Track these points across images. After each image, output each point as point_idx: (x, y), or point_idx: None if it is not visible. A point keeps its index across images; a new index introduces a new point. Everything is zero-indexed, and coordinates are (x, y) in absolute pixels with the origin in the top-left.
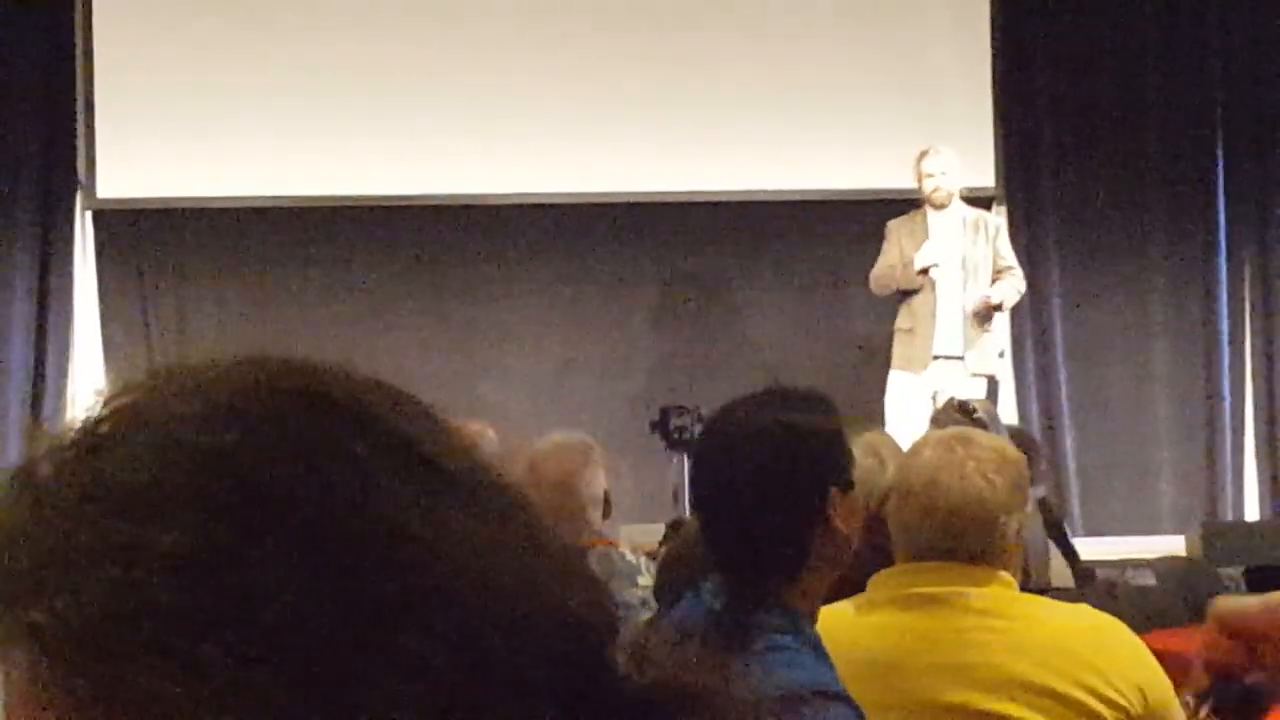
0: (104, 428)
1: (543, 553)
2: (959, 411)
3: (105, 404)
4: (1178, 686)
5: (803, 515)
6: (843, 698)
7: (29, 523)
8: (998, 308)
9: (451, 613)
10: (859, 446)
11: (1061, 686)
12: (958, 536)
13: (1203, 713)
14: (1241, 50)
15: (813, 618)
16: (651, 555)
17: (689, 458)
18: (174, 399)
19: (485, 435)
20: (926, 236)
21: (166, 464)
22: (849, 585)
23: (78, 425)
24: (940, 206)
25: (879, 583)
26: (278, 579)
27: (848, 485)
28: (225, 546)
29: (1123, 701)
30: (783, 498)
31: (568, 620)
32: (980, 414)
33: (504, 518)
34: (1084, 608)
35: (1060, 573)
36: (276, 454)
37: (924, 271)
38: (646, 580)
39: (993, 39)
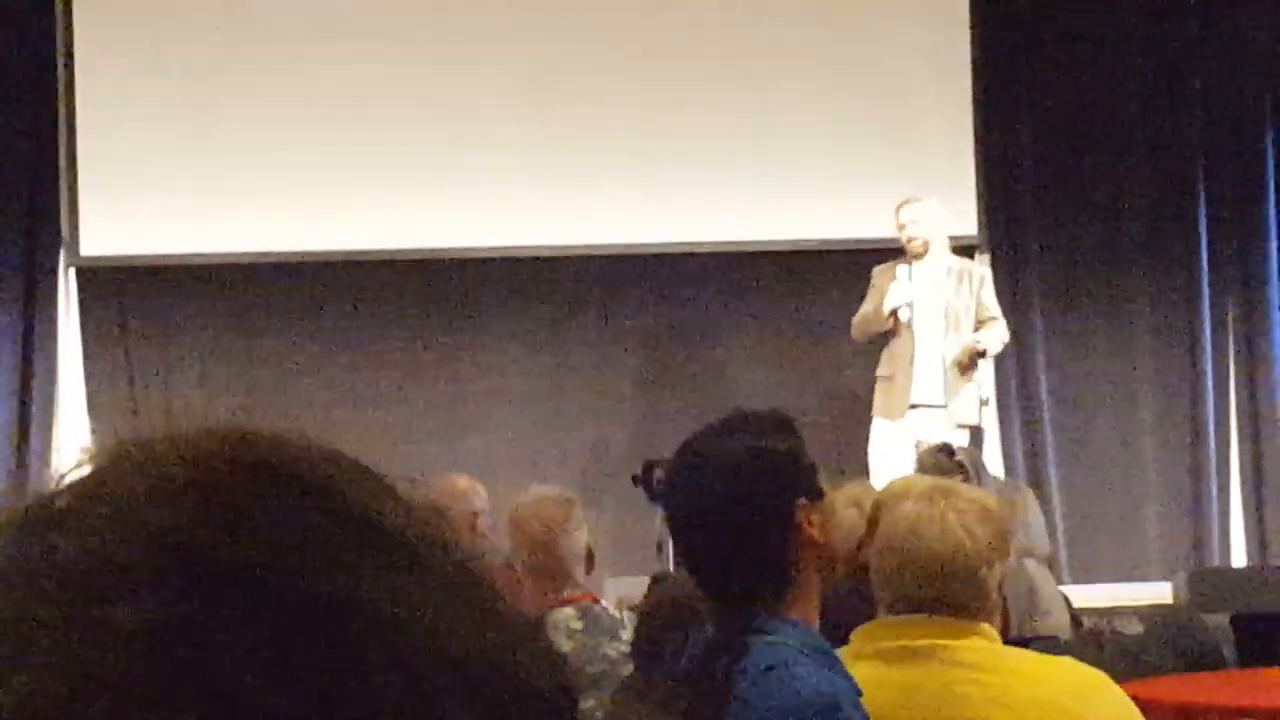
0: (60, 503)
1: (502, 626)
2: (940, 453)
3: (61, 479)
4: None
5: (774, 531)
6: (841, 705)
7: None
8: (983, 354)
9: (412, 686)
10: (841, 498)
11: None
12: (939, 589)
13: None
14: (1222, 97)
15: (811, 624)
16: (635, 609)
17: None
18: (131, 473)
19: (474, 490)
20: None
21: (123, 540)
22: (835, 635)
23: (34, 500)
24: (917, 256)
25: (862, 635)
26: (237, 655)
27: (816, 494)
28: (183, 623)
29: None
30: (752, 518)
31: (528, 693)
32: (961, 456)
33: (463, 591)
34: (1068, 660)
35: (1049, 622)
36: (233, 528)
37: (893, 314)
38: (629, 635)
39: (974, 88)
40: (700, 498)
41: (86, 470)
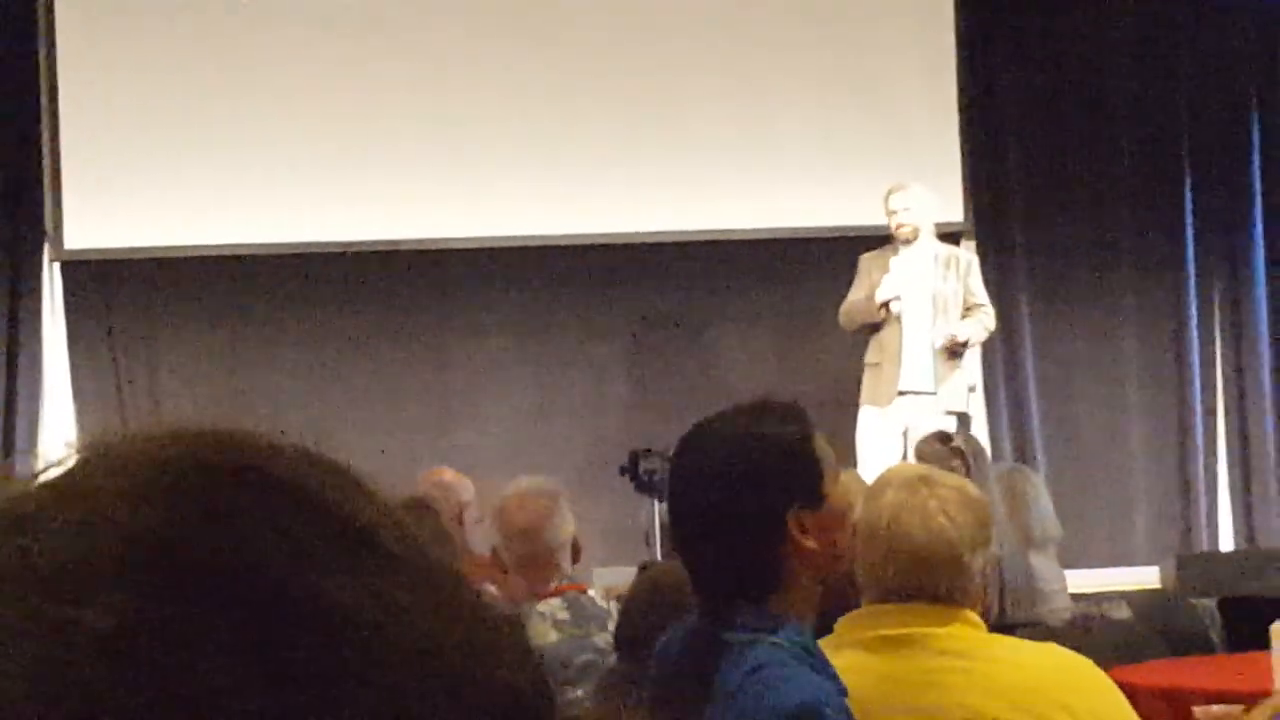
0: (31, 505)
1: (478, 625)
2: (939, 441)
3: (33, 480)
4: None
5: (766, 536)
6: (825, 712)
7: None
8: (964, 344)
9: (387, 688)
10: None
11: None
12: (922, 577)
13: None
14: (1208, 82)
15: (804, 621)
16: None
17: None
18: (102, 475)
19: (461, 483)
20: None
21: (93, 542)
22: (819, 624)
23: (4, 502)
24: (906, 242)
25: (846, 625)
26: (208, 657)
27: (815, 500)
28: (153, 625)
29: None
30: (745, 518)
31: (504, 693)
32: (959, 443)
33: (440, 590)
34: (1052, 646)
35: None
36: (204, 530)
37: (885, 305)
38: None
39: (959, 75)
40: (696, 492)
41: (55, 473)
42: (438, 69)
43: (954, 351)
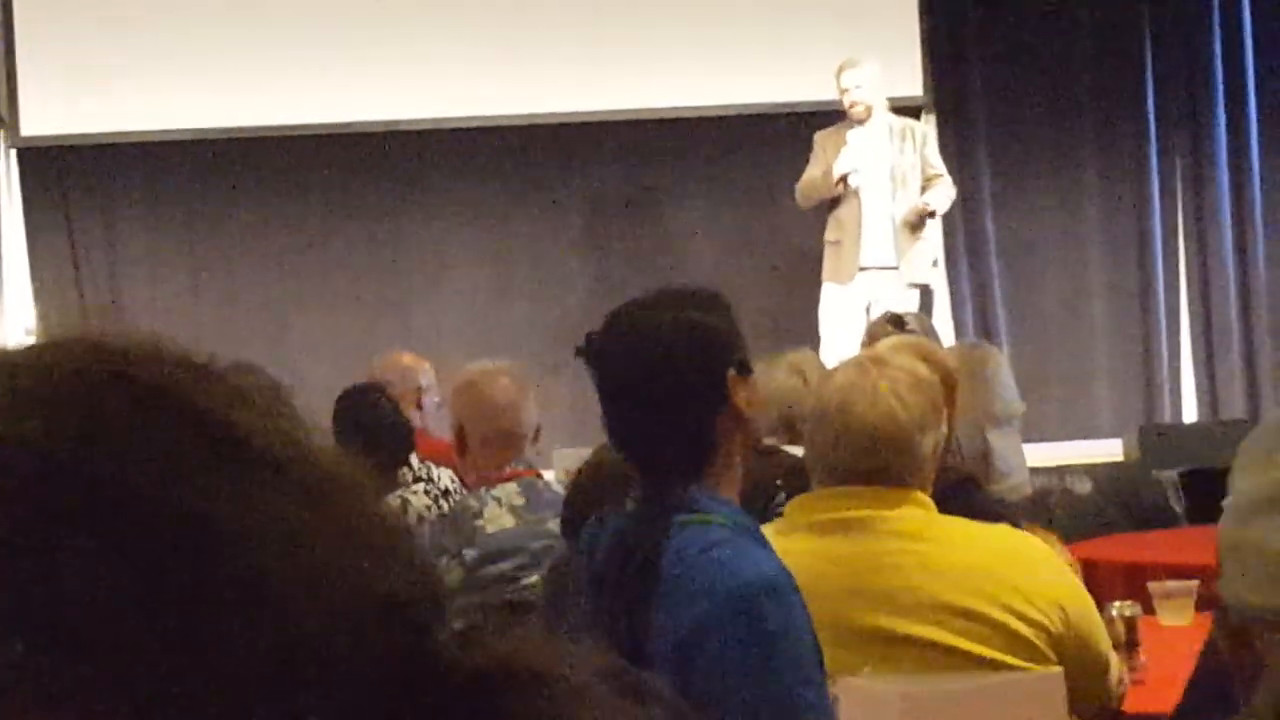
0: None
1: (362, 534)
2: (890, 324)
3: None
4: (1108, 598)
5: (702, 401)
6: (781, 585)
7: None
8: (932, 214)
9: (263, 600)
10: (783, 367)
11: (981, 607)
12: (872, 458)
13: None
14: None
15: (733, 500)
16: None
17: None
18: None
19: (420, 367)
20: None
21: None
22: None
23: None
24: (860, 121)
25: (796, 508)
26: (83, 570)
27: (744, 369)
28: (27, 537)
29: (1044, 620)
30: (681, 387)
31: (387, 603)
32: (912, 325)
33: (320, 499)
34: (1003, 527)
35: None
36: (78, 441)
37: (842, 180)
38: None
39: None
40: (629, 367)
41: None
42: None
43: (919, 223)
